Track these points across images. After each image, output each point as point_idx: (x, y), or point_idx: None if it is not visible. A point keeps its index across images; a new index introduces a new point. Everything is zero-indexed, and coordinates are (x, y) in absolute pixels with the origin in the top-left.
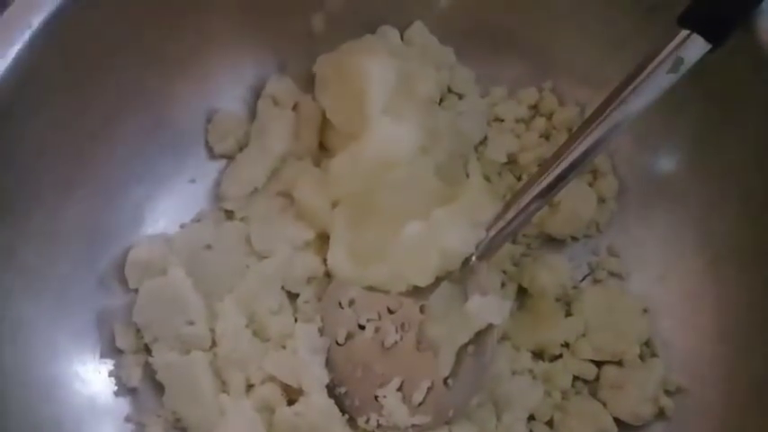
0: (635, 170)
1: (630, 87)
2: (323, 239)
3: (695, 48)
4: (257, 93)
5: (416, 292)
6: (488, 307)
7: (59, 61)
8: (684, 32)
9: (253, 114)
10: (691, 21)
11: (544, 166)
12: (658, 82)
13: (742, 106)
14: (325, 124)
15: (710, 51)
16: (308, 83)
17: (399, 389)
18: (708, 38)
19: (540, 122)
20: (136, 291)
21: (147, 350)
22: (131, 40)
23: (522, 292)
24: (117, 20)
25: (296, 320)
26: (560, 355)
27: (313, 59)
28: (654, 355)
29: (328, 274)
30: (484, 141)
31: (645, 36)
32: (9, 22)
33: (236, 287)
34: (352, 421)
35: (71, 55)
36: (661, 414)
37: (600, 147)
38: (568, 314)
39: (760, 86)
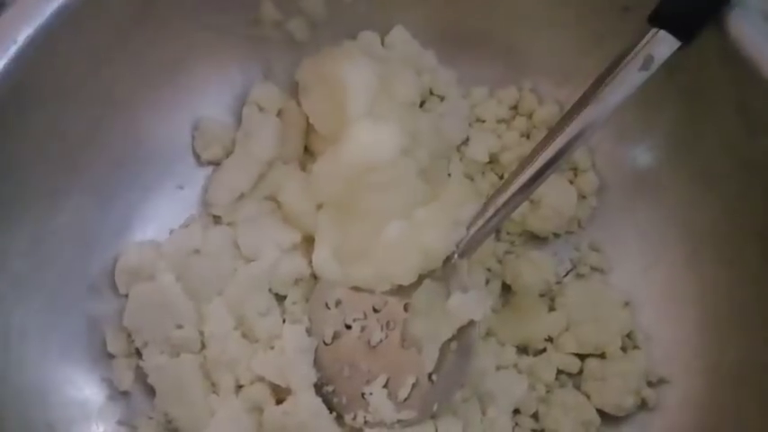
0: (614, 167)
1: (603, 85)
2: (309, 242)
3: (665, 45)
4: (242, 100)
5: (400, 290)
6: (469, 303)
7: (47, 72)
8: (654, 30)
9: (238, 121)
10: (660, 19)
11: (522, 163)
12: (630, 79)
13: (714, 102)
14: (310, 129)
15: (680, 49)
16: (293, 89)
17: (385, 386)
18: (677, 35)
19: (521, 122)
20: (126, 296)
21: (138, 354)
22: (118, 49)
23: (506, 289)
24: (104, 30)
25: (284, 321)
26: (544, 350)
27: (297, 66)
28: (636, 347)
29: (315, 276)
30: (466, 142)
31: (621, 35)
32: None
33: (225, 290)
34: (339, 419)
35: (59, 65)
36: (643, 405)
37: (576, 144)
38: (552, 309)
39: (730, 83)
